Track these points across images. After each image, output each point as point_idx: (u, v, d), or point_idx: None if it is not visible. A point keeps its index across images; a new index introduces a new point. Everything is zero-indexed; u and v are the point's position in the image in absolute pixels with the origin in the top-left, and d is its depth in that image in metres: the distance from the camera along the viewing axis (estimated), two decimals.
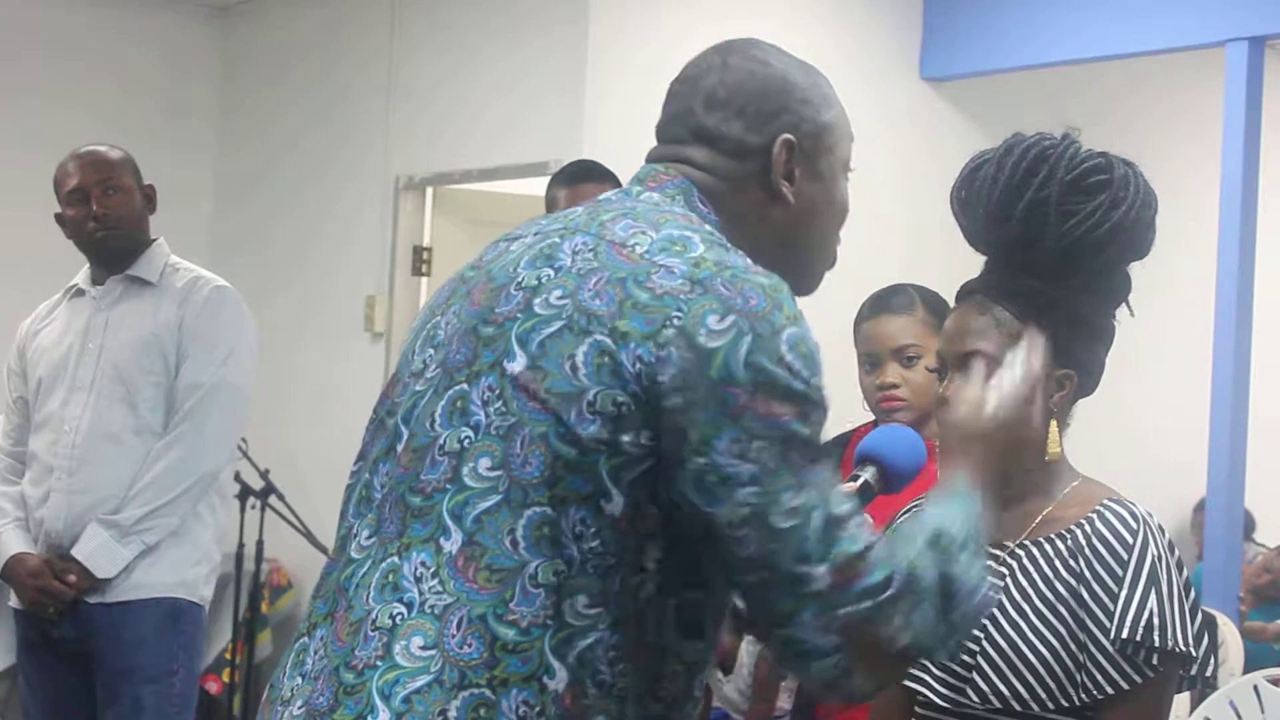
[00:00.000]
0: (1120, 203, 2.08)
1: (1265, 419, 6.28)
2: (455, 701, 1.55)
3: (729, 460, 1.56)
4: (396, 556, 1.62)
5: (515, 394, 1.60)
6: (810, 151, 1.81)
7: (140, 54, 7.01)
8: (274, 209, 7.00)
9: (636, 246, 1.65)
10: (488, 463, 1.60)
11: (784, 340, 1.59)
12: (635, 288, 1.61)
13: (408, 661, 1.56)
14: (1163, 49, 6.09)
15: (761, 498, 1.56)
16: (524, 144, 5.91)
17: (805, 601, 1.58)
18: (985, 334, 2.09)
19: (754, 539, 1.57)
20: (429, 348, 1.73)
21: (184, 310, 3.77)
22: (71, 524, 3.69)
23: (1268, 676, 4.20)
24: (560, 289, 1.63)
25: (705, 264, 1.62)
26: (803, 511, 1.57)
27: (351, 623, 1.62)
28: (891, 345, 2.82)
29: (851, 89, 7.52)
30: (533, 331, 1.62)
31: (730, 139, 1.81)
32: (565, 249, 1.68)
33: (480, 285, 1.72)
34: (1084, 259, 2.08)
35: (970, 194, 2.14)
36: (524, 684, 1.56)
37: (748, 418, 1.56)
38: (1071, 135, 2.15)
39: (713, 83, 1.84)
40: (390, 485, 1.68)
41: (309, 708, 1.61)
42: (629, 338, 1.58)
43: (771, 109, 1.81)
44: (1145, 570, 2.03)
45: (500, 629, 1.56)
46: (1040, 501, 2.13)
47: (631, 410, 1.57)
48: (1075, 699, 2.04)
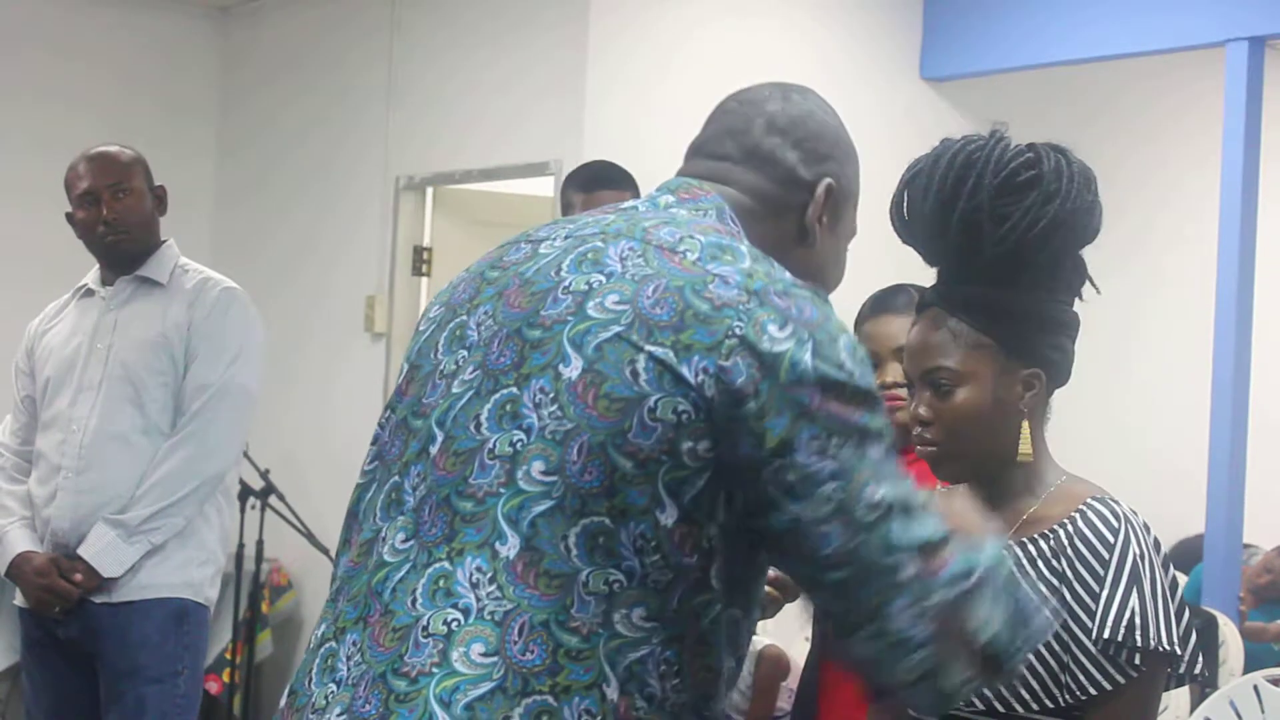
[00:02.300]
0: (1054, 196, 2.06)
1: (1265, 420, 6.28)
2: (518, 709, 1.52)
3: (809, 458, 1.57)
4: (447, 561, 1.59)
5: (572, 399, 1.59)
6: (839, 205, 1.87)
7: (140, 54, 7.02)
8: (274, 209, 7.01)
9: (688, 253, 1.66)
10: (541, 466, 1.58)
11: (841, 346, 1.62)
12: (694, 297, 1.61)
13: (467, 668, 1.54)
14: (1163, 49, 6.09)
15: (844, 492, 1.58)
16: (524, 144, 5.91)
17: (895, 592, 1.58)
18: (945, 349, 2.09)
19: (838, 534, 1.58)
20: (459, 349, 1.70)
21: (193, 311, 3.77)
22: (78, 523, 3.70)
23: (1268, 676, 4.20)
24: (616, 294, 1.63)
25: (757, 275, 1.64)
26: (884, 503, 1.59)
27: (394, 628, 1.58)
28: (893, 345, 2.82)
29: (851, 89, 7.55)
30: (588, 335, 1.61)
31: (783, 166, 1.84)
32: (611, 254, 1.67)
33: (514, 288, 1.70)
34: (1027, 258, 2.07)
35: (907, 212, 2.14)
36: (586, 692, 1.55)
37: (823, 416, 1.58)
38: (1000, 133, 2.13)
39: (775, 109, 1.87)
40: (430, 488, 1.64)
41: (352, 715, 1.57)
42: (692, 350, 1.58)
43: (825, 151, 1.86)
44: (1127, 570, 2.02)
45: (563, 635, 1.55)
46: (1025, 501, 2.12)
47: (693, 419, 1.57)
48: (1060, 700, 2.04)
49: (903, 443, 2.79)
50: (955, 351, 2.09)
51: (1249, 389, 5.70)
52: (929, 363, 2.11)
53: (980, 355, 2.08)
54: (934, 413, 2.10)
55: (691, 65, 5.97)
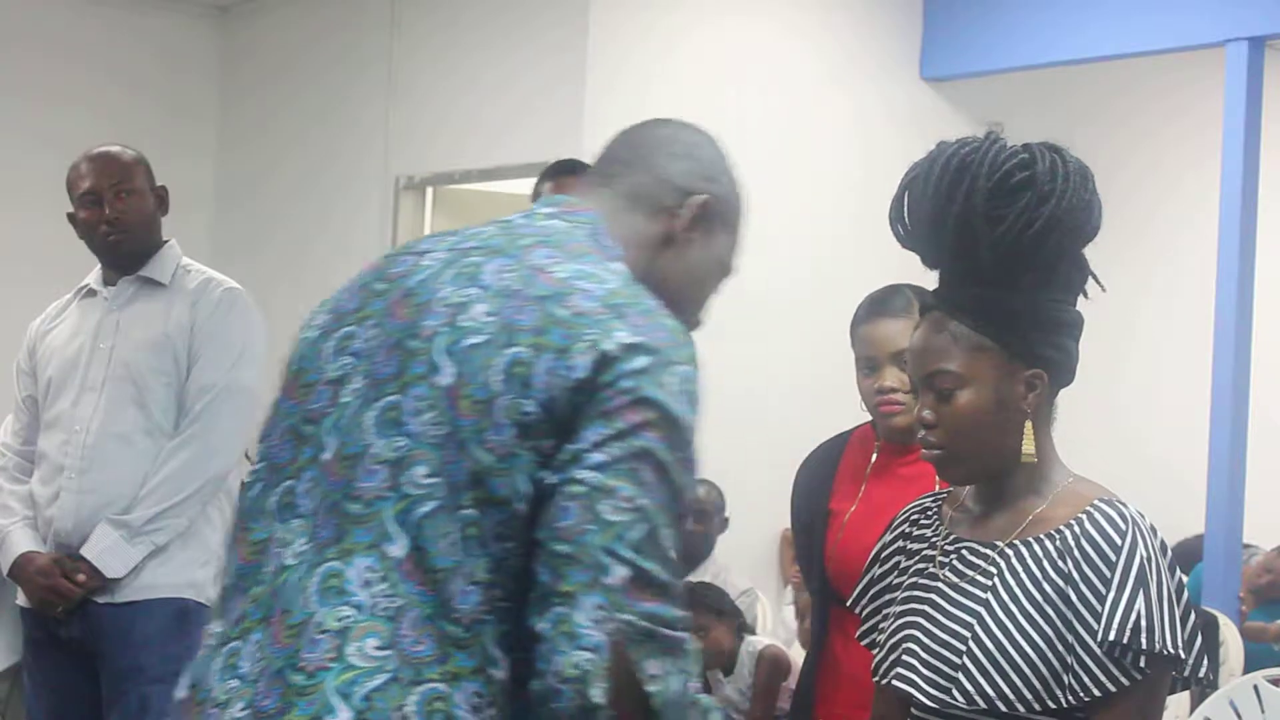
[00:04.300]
0: (1049, 196, 2.06)
1: (1265, 420, 6.28)
2: (413, 697, 1.63)
3: (586, 445, 1.66)
4: (337, 561, 1.69)
5: (446, 405, 1.69)
6: (712, 224, 1.94)
7: (140, 54, 7.02)
8: (274, 209, 7.01)
9: (557, 271, 1.76)
10: (424, 470, 1.68)
11: (677, 373, 1.70)
12: (555, 306, 1.72)
13: (363, 662, 1.64)
14: (1163, 49, 6.10)
15: (599, 483, 1.65)
16: (524, 144, 5.91)
17: (593, 589, 1.64)
18: (946, 352, 2.10)
19: (576, 513, 1.65)
20: (345, 357, 1.79)
21: (196, 312, 3.77)
22: (81, 524, 3.69)
23: (1268, 676, 4.21)
24: (486, 305, 1.73)
25: (620, 294, 1.75)
26: (630, 514, 1.65)
27: (290, 626, 1.68)
28: (890, 348, 2.80)
29: (852, 89, 7.53)
30: (457, 344, 1.71)
31: (665, 171, 1.93)
32: (488, 269, 1.77)
33: (398, 299, 1.79)
34: (1025, 259, 2.07)
35: (907, 215, 2.15)
36: (473, 676, 1.65)
37: (617, 418, 1.67)
38: (995, 134, 2.13)
39: (672, 131, 2.00)
40: (323, 492, 1.74)
41: (254, 710, 1.66)
42: (544, 350, 1.69)
43: (709, 173, 1.95)
44: (1134, 572, 2.02)
45: (449, 627, 1.65)
46: (1031, 501, 2.13)
47: (539, 420, 1.67)
48: (1062, 701, 2.04)
49: (903, 444, 2.81)
50: (957, 354, 2.09)
51: (1249, 389, 5.70)
52: (931, 366, 2.11)
53: (981, 357, 2.08)
54: (937, 416, 2.10)
55: (691, 65, 5.97)
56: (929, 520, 2.24)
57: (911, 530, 2.25)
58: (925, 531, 2.23)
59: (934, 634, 2.11)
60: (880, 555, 2.29)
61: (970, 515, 2.18)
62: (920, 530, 2.24)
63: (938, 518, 2.23)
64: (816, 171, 6.23)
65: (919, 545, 2.22)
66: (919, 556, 2.21)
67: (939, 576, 2.15)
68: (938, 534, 2.20)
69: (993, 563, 2.11)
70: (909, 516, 2.28)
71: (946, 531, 2.19)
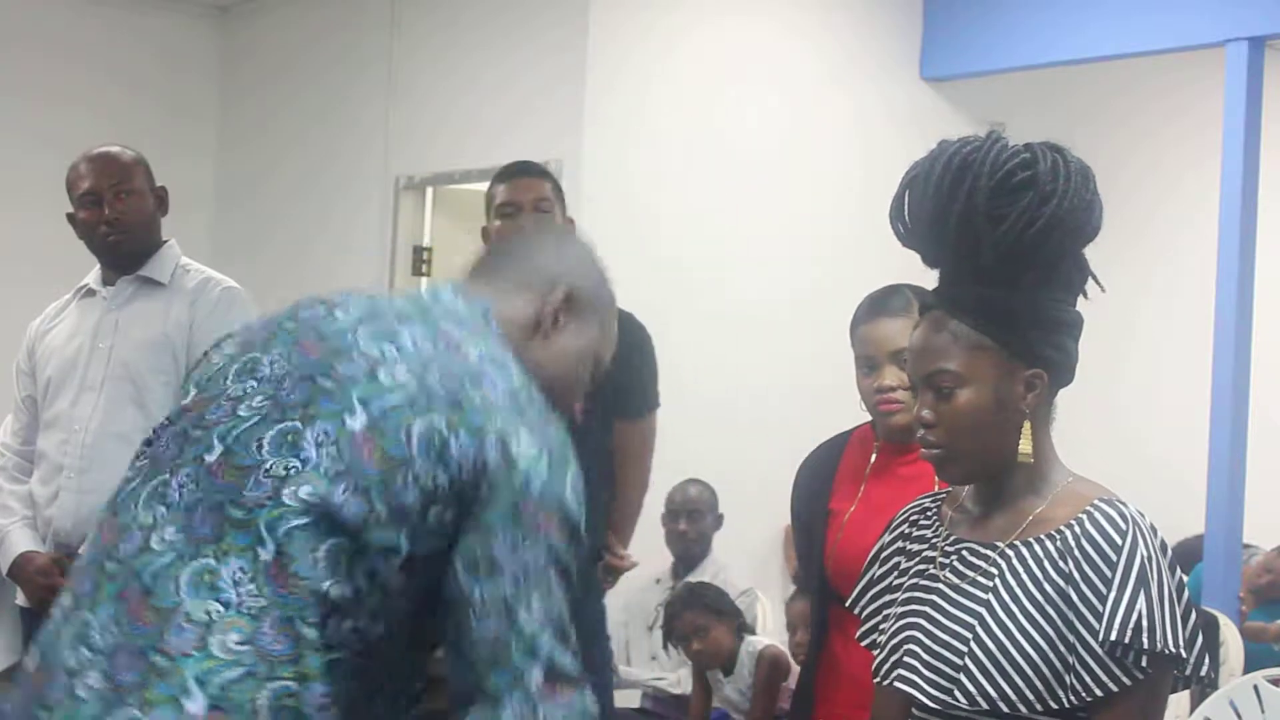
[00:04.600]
0: (1050, 196, 2.06)
1: (1265, 420, 6.28)
2: (265, 691, 1.76)
3: (503, 551, 1.84)
4: (213, 559, 1.82)
5: (350, 446, 1.84)
6: (577, 315, 2.09)
7: (140, 54, 7.02)
8: (274, 209, 7.01)
9: (469, 351, 1.93)
10: (308, 490, 1.82)
11: (569, 477, 1.89)
12: (470, 387, 1.88)
13: (224, 654, 1.77)
14: (1163, 49, 6.10)
15: (516, 594, 1.83)
16: (524, 144, 5.89)
17: (516, 690, 1.83)
18: (946, 351, 2.10)
19: (496, 625, 1.83)
20: (249, 379, 1.94)
21: (195, 311, 3.77)
22: (80, 523, 3.69)
23: (1268, 676, 4.20)
24: (405, 365, 1.89)
25: (524, 391, 1.93)
26: (545, 620, 1.84)
27: (155, 609, 1.80)
28: (889, 348, 2.80)
29: (852, 89, 7.51)
30: (376, 397, 1.86)
31: (539, 261, 2.11)
32: (405, 334, 1.93)
33: (310, 339, 1.95)
34: (1026, 259, 2.07)
35: (907, 214, 2.14)
36: (322, 678, 1.79)
37: (527, 522, 1.85)
38: (996, 133, 2.13)
39: (544, 234, 2.31)
40: (204, 492, 1.87)
41: (111, 681, 1.78)
42: (458, 427, 1.85)
43: (580, 271, 2.12)
44: (1135, 572, 2.02)
45: (305, 630, 1.79)
46: (1031, 501, 2.12)
47: (446, 491, 1.83)
48: (1064, 701, 2.03)
49: (903, 444, 2.81)
50: (956, 354, 2.09)
51: (1249, 389, 5.70)
52: (930, 365, 2.11)
53: (981, 357, 2.08)
54: (937, 415, 2.10)
55: (691, 65, 5.97)
56: (928, 521, 2.24)
57: (911, 531, 2.25)
58: (925, 532, 2.23)
59: (935, 635, 2.11)
60: (879, 556, 2.29)
61: (970, 516, 2.18)
62: (920, 531, 2.24)
63: (937, 518, 2.23)
64: (816, 171, 6.23)
65: (918, 546, 2.22)
66: (919, 557, 2.20)
67: (939, 577, 2.15)
68: (937, 534, 2.20)
69: (993, 563, 2.11)
70: (908, 517, 2.28)
71: (946, 532, 2.19)
